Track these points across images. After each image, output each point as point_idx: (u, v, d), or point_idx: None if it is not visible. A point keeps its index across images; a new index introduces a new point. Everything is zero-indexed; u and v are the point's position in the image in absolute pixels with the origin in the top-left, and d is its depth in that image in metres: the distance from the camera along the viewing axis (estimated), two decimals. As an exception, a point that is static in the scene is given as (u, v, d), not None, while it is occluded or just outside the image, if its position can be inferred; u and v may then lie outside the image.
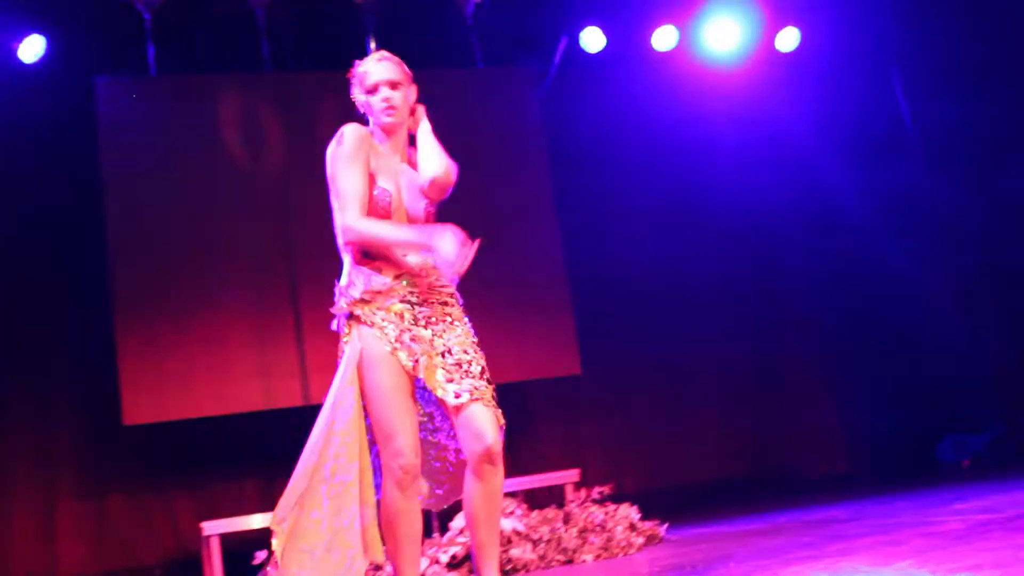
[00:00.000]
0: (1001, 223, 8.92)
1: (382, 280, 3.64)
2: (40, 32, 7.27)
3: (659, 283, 9.23)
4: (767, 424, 9.40)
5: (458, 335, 3.67)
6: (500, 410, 3.63)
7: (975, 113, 8.71)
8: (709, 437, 9.21)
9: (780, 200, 9.64)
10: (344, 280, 3.72)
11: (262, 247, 7.74)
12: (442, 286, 3.73)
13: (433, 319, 3.66)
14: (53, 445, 7.63)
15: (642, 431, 9.06)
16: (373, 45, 6.87)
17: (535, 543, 5.65)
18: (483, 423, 3.55)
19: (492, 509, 3.60)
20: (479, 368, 3.64)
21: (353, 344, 3.65)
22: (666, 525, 6.18)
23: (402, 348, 3.58)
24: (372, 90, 3.78)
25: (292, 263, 7.65)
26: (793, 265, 9.74)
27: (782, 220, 9.66)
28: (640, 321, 9.13)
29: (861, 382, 9.70)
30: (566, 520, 5.91)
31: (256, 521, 6.60)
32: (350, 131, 3.71)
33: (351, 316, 3.67)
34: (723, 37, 8.75)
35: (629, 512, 6.02)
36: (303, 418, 8.00)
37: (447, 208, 3.90)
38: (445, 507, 3.93)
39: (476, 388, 3.57)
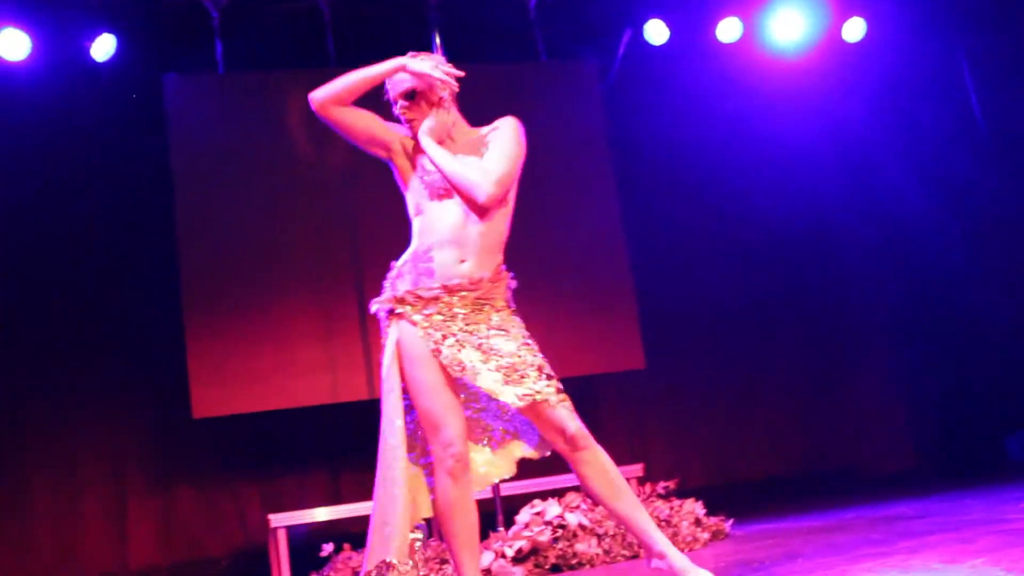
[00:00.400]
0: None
1: (430, 287, 3.63)
2: (111, 31, 7.39)
3: (723, 277, 9.17)
4: (832, 419, 9.31)
5: (506, 339, 3.64)
6: (569, 400, 3.64)
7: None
8: (774, 432, 9.15)
9: (844, 192, 9.55)
10: (400, 263, 3.73)
11: (328, 241, 7.81)
12: (489, 298, 3.70)
13: (478, 324, 3.64)
14: (123, 439, 7.76)
15: (706, 426, 9.01)
16: (438, 40, 6.88)
17: (600, 538, 5.65)
18: (557, 418, 3.59)
19: (610, 484, 3.62)
20: (535, 368, 3.61)
21: (392, 340, 3.68)
22: (731, 521, 6.15)
23: (446, 350, 3.58)
24: (393, 103, 3.83)
25: (358, 257, 7.71)
26: (858, 257, 9.64)
27: (847, 212, 9.56)
28: (704, 315, 9.09)
29: (927, 376, 9.57)
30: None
31: (322, 514, 6.68)
32: None
33: (392, 312, 3.69)
34: (788, 28, 8.67)
35: (694, 507, 6.01)
36: (369, 412, 8.09)
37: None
38: (490, 483, 3.88)
39: (537, 391, 3.56)
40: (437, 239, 3.67)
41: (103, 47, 7.40)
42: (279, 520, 6.52)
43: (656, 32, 8.50)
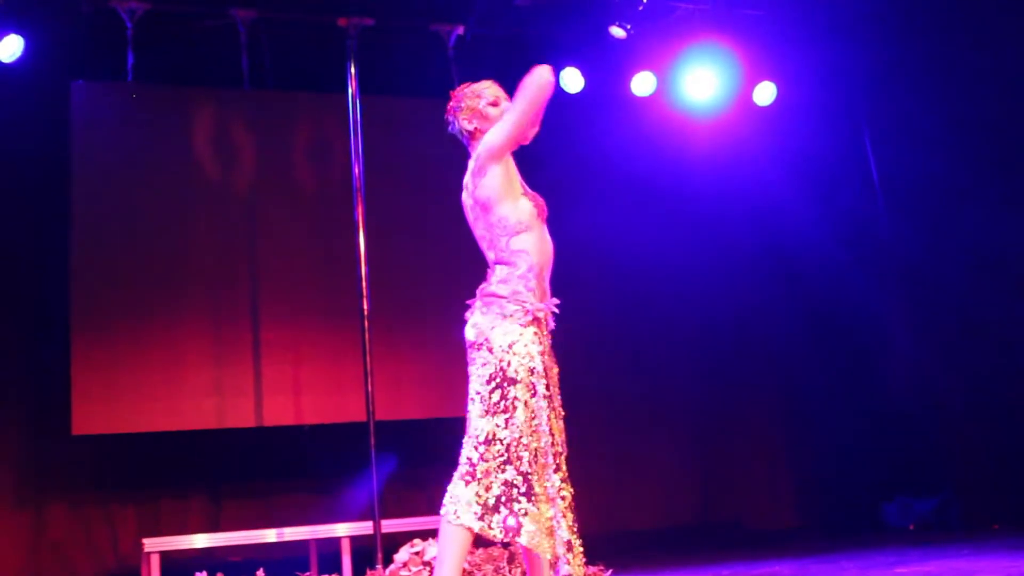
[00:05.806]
0: (965, 276, 8.84)
1: (539, 308, 3.74)
2: (19, 33, 7.22)
3: (620, 326, 9.20)
4: (717, 473, 9.39)
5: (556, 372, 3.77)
6: None
7: (939, 166, 8.80)
8: (657, 483, 9.17)
9: (751, 249, 9.69)
10: (512, 282, 3.77)
11: (226, 264, 7.70)
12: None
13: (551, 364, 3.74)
14: (-2, 449, 7.52)
15: (588, 473, 8.98)
16: (353, 70, 6.86)
17: (478, 580, 5.62)
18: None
19: None
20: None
21: (534, 346, 3.66)
22: (610, 571, 6.16)
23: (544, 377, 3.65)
24: (496, 103, 4.02)
25: (255, 282, 7.61)
26: (761, 312, 9.72)
27: (752, 268, 9.69)
28: (596, 362, 9.03)
29: (816, 436, 9.69)
30: (510, 560, 5.88)
31: (199, 540, 6.54)
32: None
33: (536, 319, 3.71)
34: (701, 87, 8.79)
35: (575, 555, 5.98)
36: (255, 438, 7.96)
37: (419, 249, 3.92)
38: None
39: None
40: (540, 262, 3.82)
41: (9, 48, 7.22)
42: (153, 545, 6.36)
43: (571, 80, 8.55)
